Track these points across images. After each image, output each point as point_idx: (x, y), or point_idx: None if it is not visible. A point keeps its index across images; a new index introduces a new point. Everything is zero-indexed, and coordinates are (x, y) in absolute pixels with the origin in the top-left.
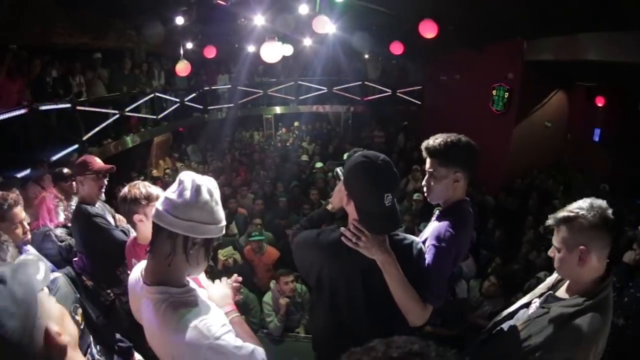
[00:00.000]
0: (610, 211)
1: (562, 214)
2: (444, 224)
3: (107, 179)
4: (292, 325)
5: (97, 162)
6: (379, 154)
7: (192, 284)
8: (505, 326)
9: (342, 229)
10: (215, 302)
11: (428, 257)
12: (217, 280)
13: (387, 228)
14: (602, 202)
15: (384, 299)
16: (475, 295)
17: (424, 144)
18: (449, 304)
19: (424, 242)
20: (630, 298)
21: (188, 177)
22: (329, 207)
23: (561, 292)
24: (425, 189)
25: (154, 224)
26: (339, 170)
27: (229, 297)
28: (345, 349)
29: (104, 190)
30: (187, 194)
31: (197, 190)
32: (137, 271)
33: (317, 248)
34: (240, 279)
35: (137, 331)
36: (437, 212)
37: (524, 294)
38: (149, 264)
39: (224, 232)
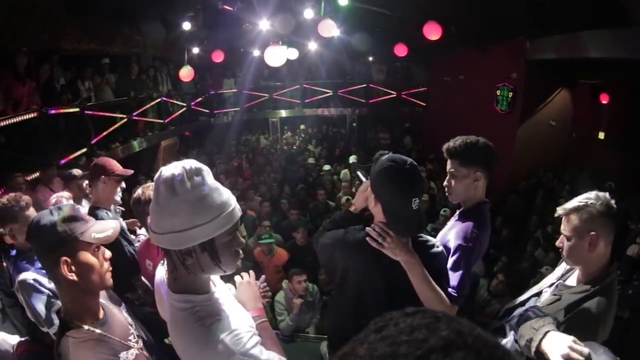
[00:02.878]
0: (613, 201)
1: (572, 204)
2: (469, 224)
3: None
4: (303, 325)
5: (118, 165)
6: (406, 158)
7: (219, 285)
8: (517, 314)
9: (368, 228)
10: (242, 304)
11: (456, 257)
12: (245, 278)
13: (413, 231)
14: (605, 194)
15: (407, 299)
16: (483, 295)
17: (445, 146)
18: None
19: (444, 245)
20: (635, 291)
21: (157, 176)
22: (352, 208)
23: (570, 281)
24: (446, 189)
25: None
26: (359, 173)
27: (259, 300)
28: None
29: (120, 193)
30: (155, 200)
31: (163, 190)
32: (162, 271)
33: (344, 247)
34: (268, 289)
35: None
36: (457, 213)
37: None
38: (167, 273)
39: (230, 221)
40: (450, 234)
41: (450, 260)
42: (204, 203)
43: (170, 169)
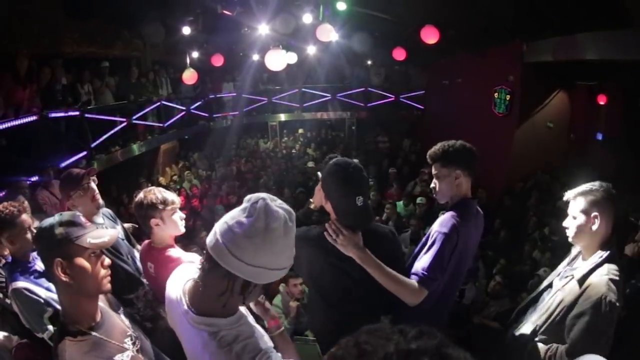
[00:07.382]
0: (611, 187)
1: (578, 189)
2: (449, 213)
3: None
4: (301, 328)
5: (77, 170)
6: (351, 160)
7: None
8: (533, 305)
9: (326, 224)
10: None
11: (431, 242)
12: None
13: (360, 224)
14: (606, 183)
15: (371, 286)
16: (482, 296)
17: (427, 153)
18: (456, 305)
19: (428, 237)
20: (632, 290)
21: (265, 208)
22: (312, 205)
23: (576, 265)
24: (433, 191)
25: (208, 255)
26: (319, 173)
27: (272, 311)
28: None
29: (98, 199)
30: (262, 234)
31: (275, 229)
32: (177, 289)
33: (307, 242)
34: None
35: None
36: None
37: (529, 293)
38: (196, 292)
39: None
40: (433, 227)
41: (427, 246)
42: (292, 249)
43: (283, 209)
